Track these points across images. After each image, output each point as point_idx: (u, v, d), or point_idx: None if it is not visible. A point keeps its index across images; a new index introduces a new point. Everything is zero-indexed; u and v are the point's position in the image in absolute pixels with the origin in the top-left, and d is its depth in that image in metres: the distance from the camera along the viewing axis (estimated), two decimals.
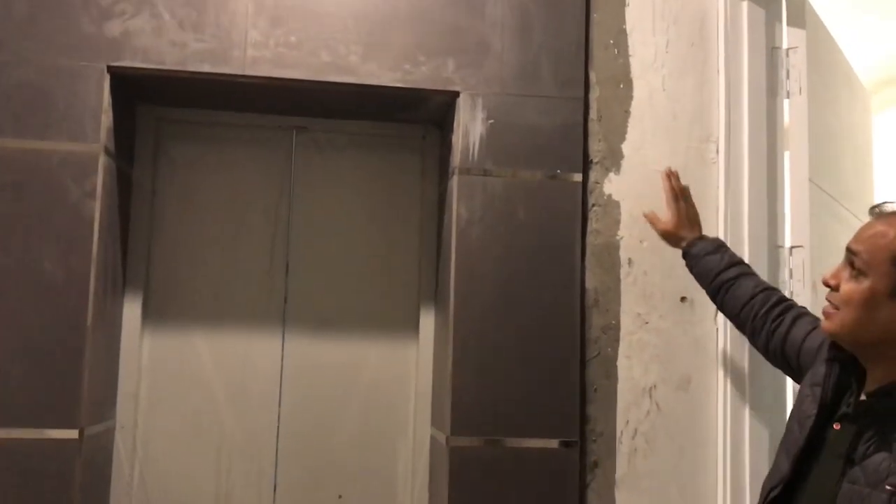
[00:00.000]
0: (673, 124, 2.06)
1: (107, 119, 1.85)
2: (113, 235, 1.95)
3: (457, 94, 1.97)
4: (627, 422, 1.98)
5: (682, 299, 2.01)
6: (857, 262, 1.26)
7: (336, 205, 2.20)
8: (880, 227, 1.26)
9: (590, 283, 2.00)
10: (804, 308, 1.58)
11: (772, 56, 2.07)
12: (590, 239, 2.00)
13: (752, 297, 1.63)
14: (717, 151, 2.06)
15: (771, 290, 1.63)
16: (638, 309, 2.01)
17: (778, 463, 1.38)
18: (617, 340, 2.00)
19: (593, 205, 2.01)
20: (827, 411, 1.30)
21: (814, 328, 1.50)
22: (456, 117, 1.98)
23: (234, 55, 1.90)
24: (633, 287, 2.01)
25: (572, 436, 1.92)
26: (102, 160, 1.83)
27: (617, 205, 2.02)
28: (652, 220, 1.90)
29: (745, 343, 1.92)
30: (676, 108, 2.07)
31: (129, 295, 2.07)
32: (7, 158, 1.80)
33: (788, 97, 2.07)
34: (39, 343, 1.77)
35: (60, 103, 1.83)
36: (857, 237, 1.29)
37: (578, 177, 1.99)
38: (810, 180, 2.06)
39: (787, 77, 2.07)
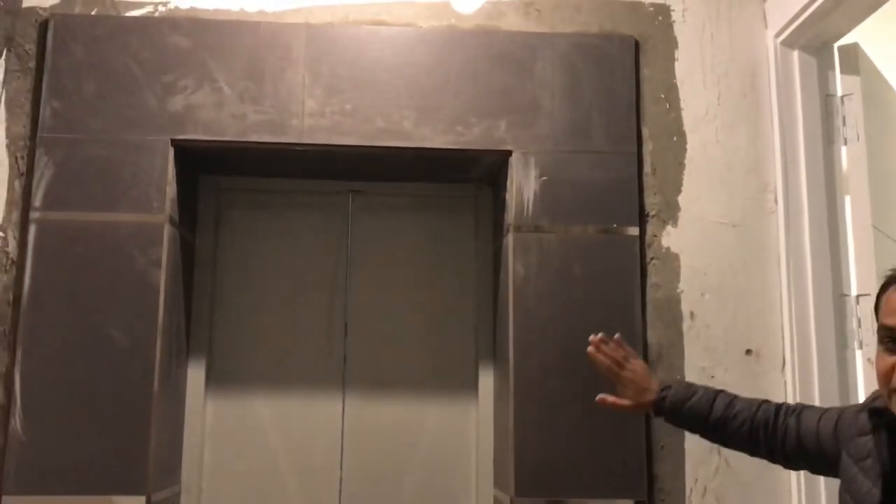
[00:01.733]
0: (729, 175, 2.05)
1: (171, 190, 1.92)
2: (177, 302, 1.99)
3: (509, 153, 1.99)
4: (696, 479, 1.92)
5: (748, 352, 1.97)
6: None
7: (392, 265, 2.22)
8: None
9: (652, 337, 1.97)
10: (794, 404, 1.51)
11: (826, 104, 2.05)
12: (650, 293, 1.98)
13: (753, 423, 1.50)
14: (776, 201, 2.03)
15: (762, 406, 1.52)
16: (702, 363, 1.97)
17: None
18: None
19: (652, 258, 2.00)
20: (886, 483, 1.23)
21: (821, 415, 1.43)
22: (509, 176, 2.00)
23: (293, 124, 1.95)
24: (697, 341, 1.98)
25: (640, 495, 1.87)
26: (167, 230, 1.89)
27: (676, 257, 2.00)
28: (614, 405, 1.58)
29: (814, 393, 1.88)
30: (732, 159, 2.06)
31: (193, 360, 2.11)
32: (77, 230, 1.87)
33: (846, 144, 2.05)
34: (107, 410, 1.81)
35: (127, 176, 1.90)
36: (893, 313, 1.18)
37: (635, 230, 1.98)
38: (874, 226, 2.01)
39: (844, 124, 2.05)
